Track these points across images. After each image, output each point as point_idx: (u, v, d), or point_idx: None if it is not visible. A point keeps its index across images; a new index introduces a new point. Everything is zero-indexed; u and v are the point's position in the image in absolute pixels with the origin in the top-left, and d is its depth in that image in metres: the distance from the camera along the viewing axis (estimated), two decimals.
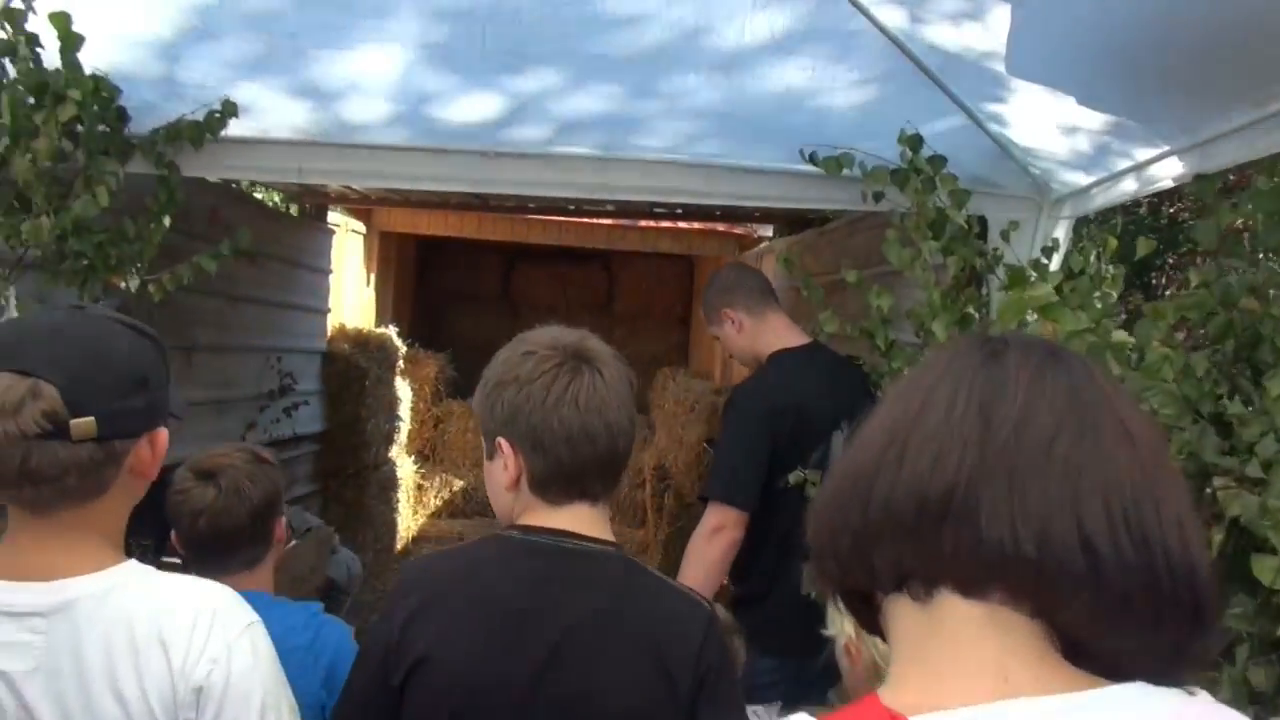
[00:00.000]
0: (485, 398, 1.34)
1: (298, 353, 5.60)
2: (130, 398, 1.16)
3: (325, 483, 6.07)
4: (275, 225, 5.37)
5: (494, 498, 1.37)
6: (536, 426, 1.28)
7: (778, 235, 8.09)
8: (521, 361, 1.31)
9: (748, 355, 2.76)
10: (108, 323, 1.20)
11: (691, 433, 6.07)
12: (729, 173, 2.87)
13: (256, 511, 1.76)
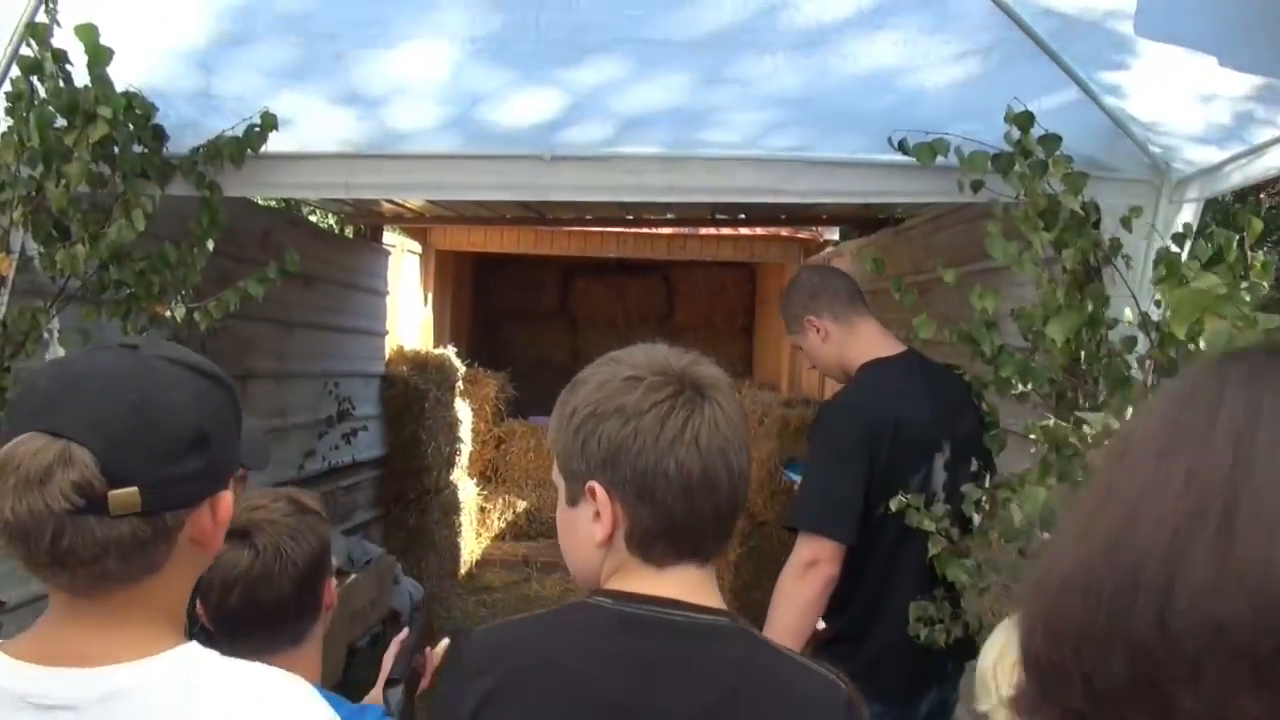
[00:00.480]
0: (573, 432, 1.07)
1: (356, 376, 5.50)
2: (186, 460, 0.95)
3: (386, 508, 5.97)
4: (329, 247, 5.26)
5: (574, 553, 1.12)
6: (646, 470, 1.02)
7: (844, 238, 7.80)
8: (625, 389, 1.05)
9: (834, 367, 2.49)
10: (164, 367, 0.98)
11: (761, 448, 5.80)
12: (808, 167, 2.61)
13: (302, 577, 1.47)
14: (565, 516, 1.13)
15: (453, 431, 6.55)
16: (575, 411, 1.07)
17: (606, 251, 7.57)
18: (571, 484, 1.10)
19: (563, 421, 1.10)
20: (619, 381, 1.06)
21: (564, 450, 1.09)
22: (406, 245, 6.89)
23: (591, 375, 1.10)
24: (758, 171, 2.63)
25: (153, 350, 1.00)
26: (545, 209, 5.40)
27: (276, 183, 2.69)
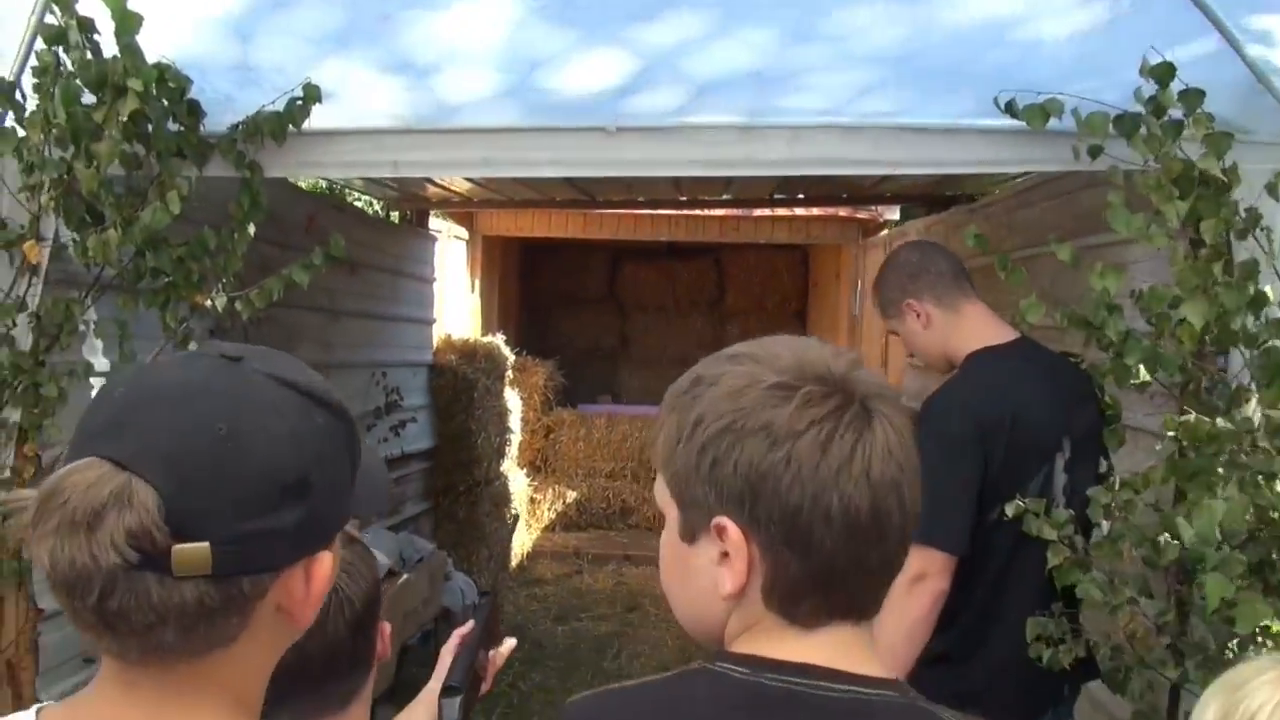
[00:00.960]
0: (698, 449, 0.83)
1: (404, 366, 5.37)
2: (280, 511, 0.73)
3: (436, 501, 5.87)
4: (375, 233, 5.12)
5: (687, 602, 0.88)
6: (801, 508, 0.79)
7: (905, 218, 7.49)
8: (772, 400, 0.81)
9: (936, 357, 2.24)
10: (269, 388, 0.75)
11: None
12: (900, 134, 2.36)
13: (358, 620, 1.22)
14: (677, 553, 0.89)
15: (503, 421, 6.40)
16: (702, 423, 0.83)
17: (657, 235, 7.35)
18: (690, 514, 0.86)
19: (680, 431, 0.85)
20: (763, 389, 0.81)
21: (682, 470, 0.85)
22: (453, 231, 6.73)
23: (722, 376, 0.84)
24: (845, 141, 2.37)
25: (260, 365, 0.76)
26: (597, 190, 5.19)
27: (320, 161, 2.49)
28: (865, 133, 2.37)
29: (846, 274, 7.50)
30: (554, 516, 7.78)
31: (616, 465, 8.08)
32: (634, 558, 7.22)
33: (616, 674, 5.10)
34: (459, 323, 6.71)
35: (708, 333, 9.87)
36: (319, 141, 2.46)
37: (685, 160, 2.42)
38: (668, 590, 0.93)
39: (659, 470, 0.90)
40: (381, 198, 5.67)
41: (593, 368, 9.74)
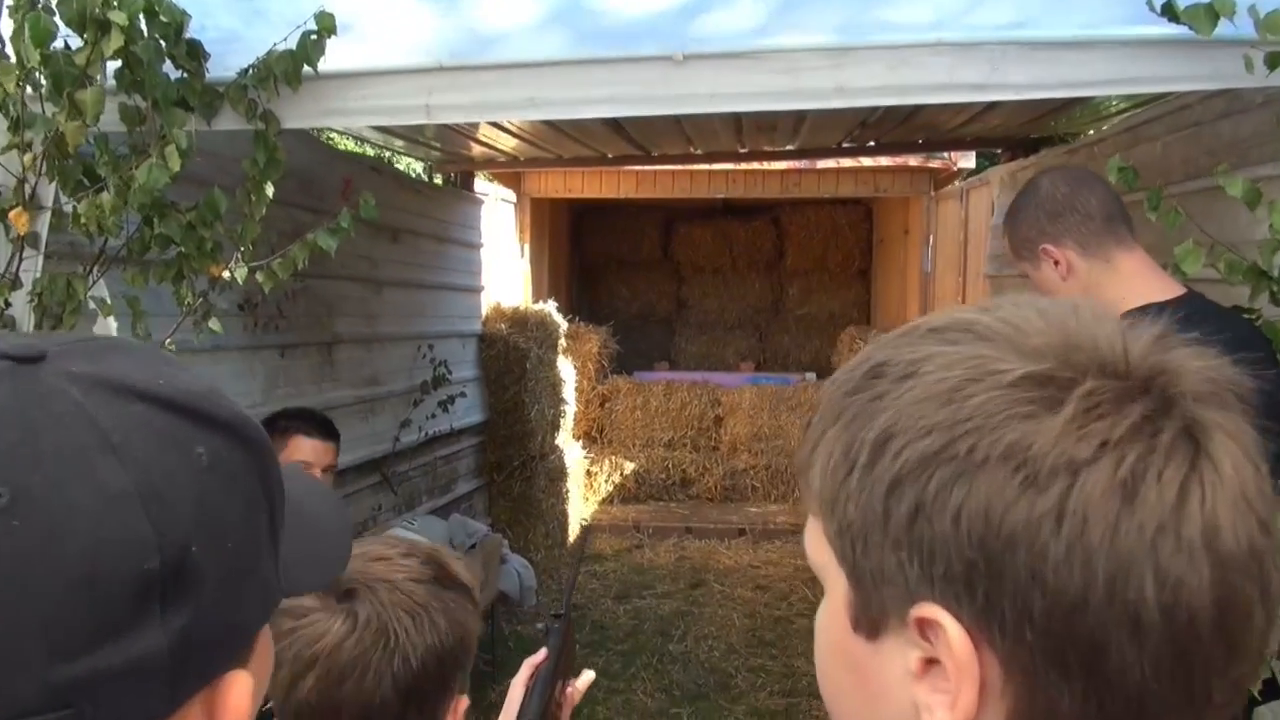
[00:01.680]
0: (886, 491, 0.49)
1: (452, 337, 5.14)
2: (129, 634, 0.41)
3: (490, 477, 5.67)
4: (418, 197, 4.84)
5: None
6: (1088, 601, 0.44)
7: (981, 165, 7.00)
8: (1022, 406, 0.46)
9: None
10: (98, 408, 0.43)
11: None
12: (1026, 50, 1.96)
13: (412, 683, 0.93)
14: (844, 648, 0.53)
15: (556, 392, 6.15)
16: (892, 442, 0.48)
17: (714, 192, 7.01)
18: (869, 592, 0.51)
19: (852, 455, 0.50)
20: (1004, 386, 0.46)
21: (857, 520, 0.50)
22: (499, 194, 6.45)
23: (924, 361, 0.49)
24: (956, 61, 1.99)
25: (82, 366, 0.44)
26: (652, 143, 4.83)
27: (343, 108, 2.17)
28: (981, 50, 1.98)
29: (917, 229, 7.07)
30: (611, 489, 7.53)
31: (675, 434, 7.79)
32: (696, 530, 6.96)
33: (683, 658, 4.83)
34: (508, 290, 6.46)
35: (767, 295, 9.52)
36: (340, 85, 2.14)
37: (766, 93, 2.05)
38: (827, 699, 0.59)
39: (812, 509, 0.55)
40: (424, 159, 5.40)
41: (648, 334, 9.47)
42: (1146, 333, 0.49)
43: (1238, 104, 2.56)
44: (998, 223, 5.10)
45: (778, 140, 4.84)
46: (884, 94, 2.09)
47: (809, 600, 5.62)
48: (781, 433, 7.65)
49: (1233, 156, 2.63)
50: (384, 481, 4.30)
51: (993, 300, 0.53)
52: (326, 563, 0.55)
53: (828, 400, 0.54)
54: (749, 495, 7.49)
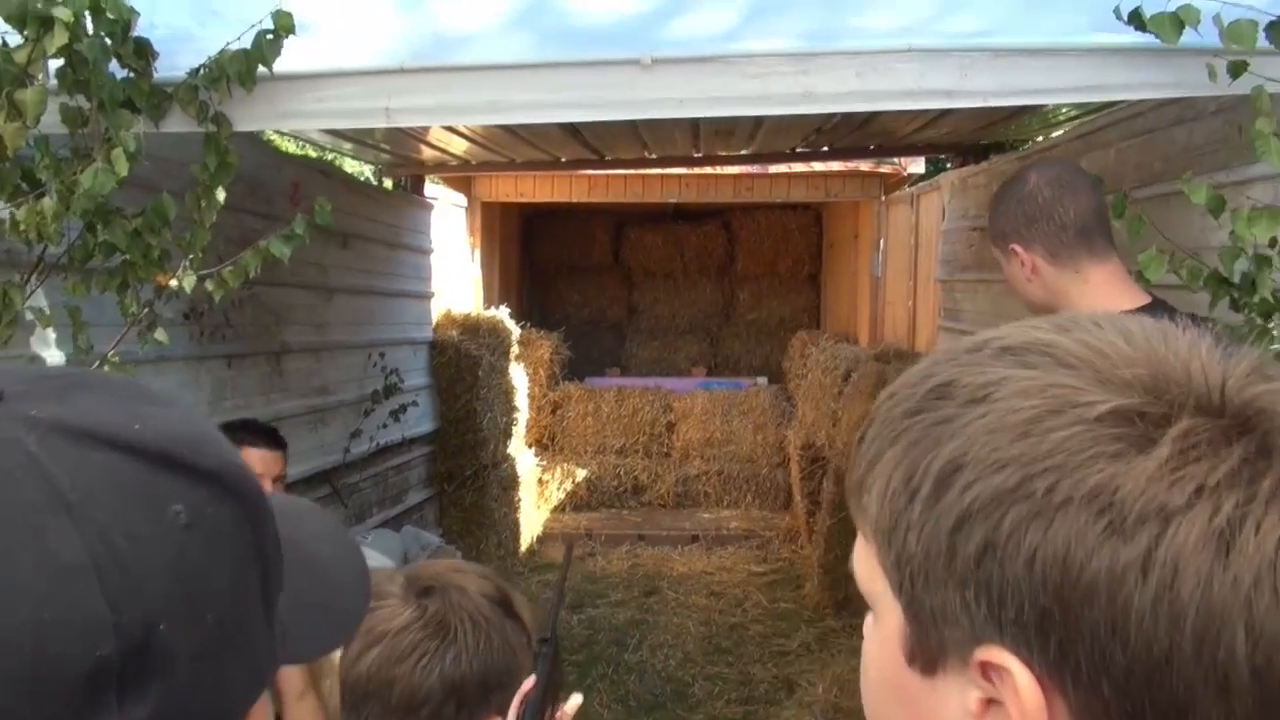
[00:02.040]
0: (953, 525, 0.45)
1: (403, 345, 5.07)
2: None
3: (441, 487, 5.60)
4: (368, 201, 4.76)
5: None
6: (1171, 659, 0.41)
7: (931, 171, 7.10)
8: (1107, 444, 0.43)
9: (1037, 308, 1.84)
10: (52, 458, 0.38)
11: (854, 409, 5.21)
12: (992, 58, 1.97)
13: (459, 685, 1.02)
14: (894, 679, 0.51)
15: (508, 400, 6.10)
16: (961, 473, 0.45)
17: (666, 197, 7.00)
18: (928, 628, 0.48)
19: (914, 481, 0.47)
20: (1088, 421, 0.44)
21: (919, 552, 0.47)
22: (449, 198, 6.37)
23: (996, 386, 0.47)
24: (925, 68, 1.99)
25: (31, 407, 0.39)
26: (607, 146, 4.80)
27: (299, 110, 2.10)
28: (950, 57, 1.98)
29: (867, 233, 7.13)
30: (563, 497, 7.45)
31: (627, 441, 7.76)
32: (648, 537, 6.92)
33: (639, 667, 4.79)
34: (459, 296, 6.38)
35: (718, 299, 9.54)
36: (296, 86, 2.07)
37: (735, 98, 2.03)
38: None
39: (865, 533, 0.52)
40: (373, 162, 5.31)
41: (599, 339, 9.43)
42: (1243, 363, 0.46)
43: (1190, 111, 2.61)
44: (948, 227, 5.17)
45: (734, 145, 4.84)
46: (852, 100, 2.08)
47: (763, 606, 5.63)
48: (734, 438, 7.66)
49: (1186, 163, 2.68)
50: (334, 493, 4.21)
51: (1070, 318, 0.50)
52: (336, 622, 0.49)
53: (884, 417, 0.50)
54: (701, 501, 7.47)
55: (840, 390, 5.76)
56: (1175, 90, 1.96)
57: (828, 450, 5.74)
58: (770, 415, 7.63)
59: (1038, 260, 1.81)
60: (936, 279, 5.35)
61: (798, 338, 7.92)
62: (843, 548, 5.51)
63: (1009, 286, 1.88)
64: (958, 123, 4.08)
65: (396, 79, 2.06)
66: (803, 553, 6.39)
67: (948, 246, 5.15)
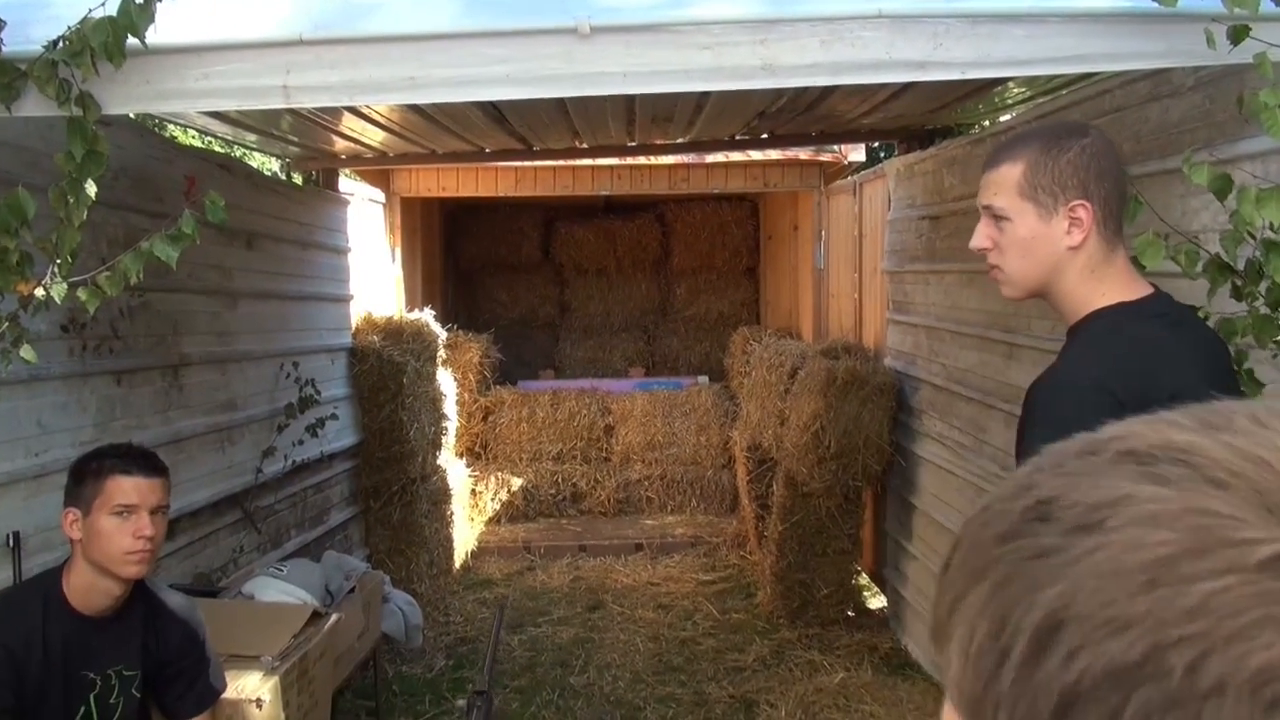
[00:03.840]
0: (1055, 705, 0.33)
1: (319, 353, 4.85)
2: None
3: (366, 504, 5.41)
4: (276, 198, 4.50)
5: None
6: None
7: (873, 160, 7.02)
8: (1268, 599, 0.30)
9: (1032, 279, 1.61)
10: None
11: (804, 407, 5.07)
12: (970, 25, 1.81)
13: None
14: None
15: (436, 408, 5.85)
16: (1061, 634, 0.34)
17: (599, 189, 6.79)
18: None
19: (1005, 640, 0.35)
20: (1247, 570, 0.31)
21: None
22: (366, 193, 6.12)
23: (1114, 506, 0.35)
24: (896, 36, 1.83)
25: None
26: (535, 135, 4.58)
27: (180, 90, 1.85)
28: (923, 25, 1.82)
29: (807, 224, 7.04)
30: (498, 508, 7.24)
31: (564, 446, 7.57)
32: (590, 548, 6.76)
33: (586, 691, 4.59)
34: (380, 299, 6.15)
35: (654, 295, 9.40)
36: (176, 61, 1.82)
37: (685, 70, 1.84)
38: None
39: (950, 694, 0.39)
40: (281, 155, 5.04)
41: (531, 340, 9.23)
42: None
43: (1166, 87, 2.50)
44: (895, 216, 5.07)
45: (672, 132, 4.68)
46: (815, 73, 1.91)
47: (714, 618, 5.48)
48: (675, 439, 7.52)
49: (1161, 143, 2.57)
50: (246, 519, 3.95)
51: (1218, 411, 0.38)
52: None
53: (971, 540, 0.39)
54: (644, 507, 7.34)
55: (786, 388, 5.64)
56: (1165, 60, 1.82)
57: (775, 451, 5.61)
58: (713, 415, 7.51)
59: (1093, 226, 1.59)
60: (884, 270, 5.28)
61: (738, 334, 7.80)
62: (794, 554, 5.39)
63: (1004, 248, 1.63)
64: (908, 105, 3.97)
65: (295, 52, 1.82)
66: (752, 559, 6.27)
67: (895, 236, 5.07)
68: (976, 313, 3.85)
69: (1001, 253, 1.59)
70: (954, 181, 4.14)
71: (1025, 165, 1.54)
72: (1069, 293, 1.60)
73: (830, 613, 5.24)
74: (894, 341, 5.11)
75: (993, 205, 1.58)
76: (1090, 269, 1.55)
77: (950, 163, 4.22)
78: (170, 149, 3.62)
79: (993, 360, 3.71)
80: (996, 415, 3.67)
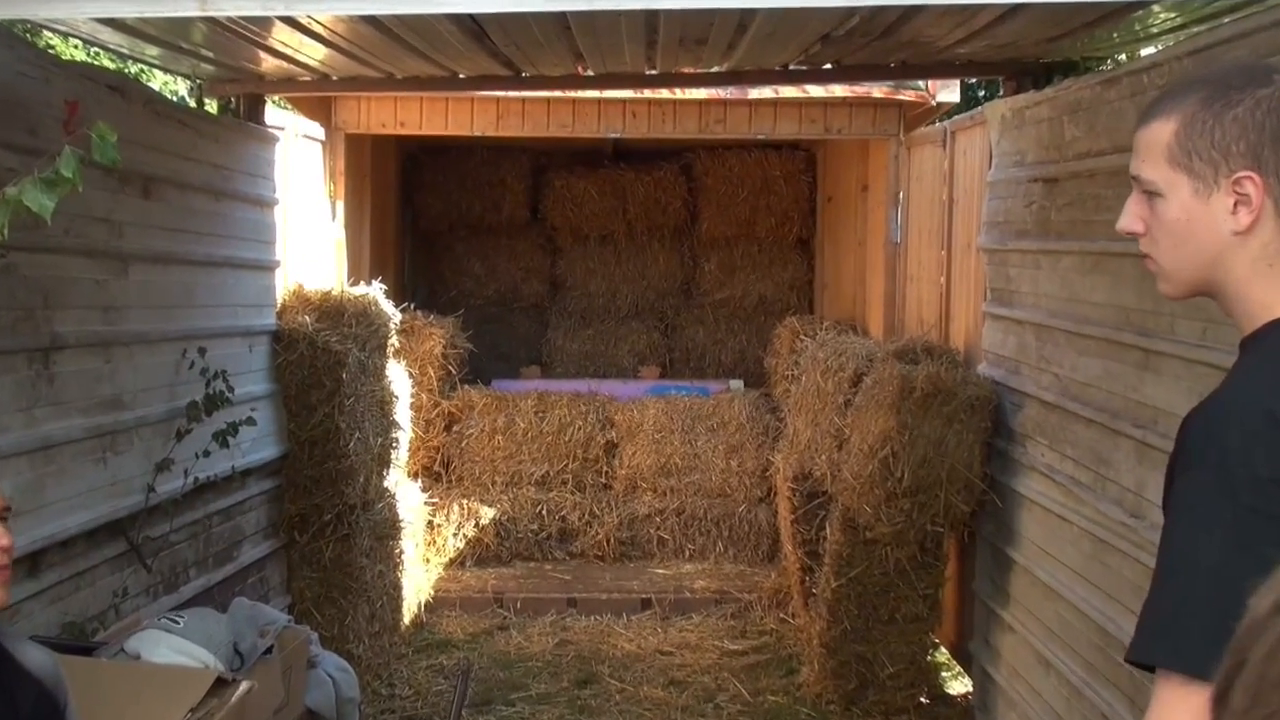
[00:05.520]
0: None
1: (234, 336, 5.01)
2: None
3: (290, 537, 5.59)
4: (182, 132, 4.63)
5: None
6: None
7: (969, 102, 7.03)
8: None
9: (1189, 273, 1.61)
10: None
11: (870, 425, 5.12)
12: None
13: None
14: None
15: (385, 413, 6.02)
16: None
17: (607, 130, 6.94)
18: None
19: None
20: None
21: None
22: (300, 128, 6.28)
23: None
24: None
25: None
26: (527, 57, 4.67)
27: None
28: None
29: (880, 183, 7.14)
30: (462, 546, 7.38)
31: (551, 468, 7.71)
32: (582, 603, 6.87)
33: None
34: (315, 267, 6.31)
35: (675, 272, 9.54)
36: None
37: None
38: None
39: None
40: (191, 75, 5.15)
41: (511, 327, 9.42)
42: None
43: None
44: (997, 177, 5.09)
45: (705, 58, 4.74)
46: None
47: (744, 700, 5.54)
48: (698, 463, 7.61)
49: None
50: (132, 552, 4.04)
51: None
52: None
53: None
54: (654, 551, 7.44)
55: (847, 400, 5.74)
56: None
57: (830, 482, 5.66)
58: (749, 433, 7.61)
59: (1270, 207, 1.59)
60: (980, 247, 5.33)
61: (785, 326, 7.90)
62: (852, 619, 5.43)
63: (1156, 234, 1.63)
64: (1020, 29, 3.99)
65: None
66: (795, 624, 6.37)
67: (997, 203, 5.10)
68: (1103, 307, 3.86)
69: (1154, 239, 1.60)
70: (1077, 133, 4.15)
71: (1179, 123, 1.54)
72: (1239, 293, 1.60)
73: (898, 698, 5.29)
74: (991, 342, 5.15)
75: (1140, 176, 1.58)
76: (1268, 261, 1.55)
77: (1073, 108, 4.23)
78: (47, 64, 3.70)
79: (1123, 371, 3.72)
80: (1125, 444, 3.68)
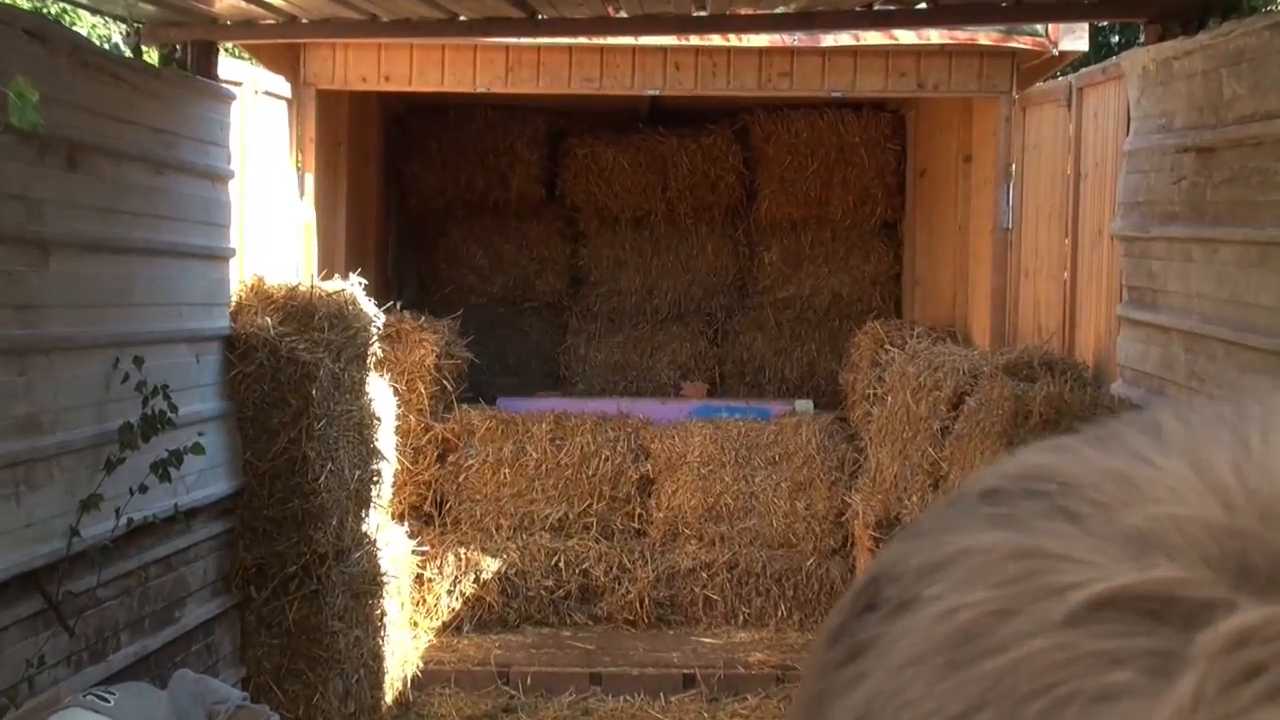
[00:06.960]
0: None
1: (178, 342, 5.10)
2: None
3: (246, 594, 5.68)
4: (116, 88, 4.70)
5: None
6: None
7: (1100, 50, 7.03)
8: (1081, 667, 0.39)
9: None
10: None
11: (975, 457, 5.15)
12: None
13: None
14: None
15: (366, 439, 6.15)
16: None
17: (644, 87, 7.05)
18: None
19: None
20: (1051, 631, 0.43)
21: None
22: (262, 83, 6.38)
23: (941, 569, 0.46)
24: None
25: None
26: None
27: None
28: None
29: (987, 154, 7.19)
30: (460, 606, 7.44)
31: (570, 509, 7.76)
32: (610, 679, 6.94)
33: None
34: (279, 256, 6.43)
35: (727, 263, 9.57)
36: None
37: None
38: None
39: None
40: (126, 17, 5.26)
41: (522, 332, 9.49)
42: None
43: None
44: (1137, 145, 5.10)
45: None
46: None
47: None
48: (755, 504, 7.65)
49: None
50: (50, 610, 4.10)
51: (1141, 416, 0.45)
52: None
53: (812, 649, 0.48)
54: (700, 615, 7.51)
55: (945, 426, 5.84)
56: None
57: None
58: (820, 466, 7.67)
59: None
60: (1114, 234, 5.34)
61: (866, 333, 7.98)
62: None
63: None
64: None
65: None
66: None
67: (1137, 178, 5.12)
68: (1273, 311, 3.85)
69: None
70: (1240, 90, 4.15)
71: None
72: None
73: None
74: (1129, 355, 5.16)
75: None
76: None
77: (1234, 58, 4.24)
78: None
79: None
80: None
